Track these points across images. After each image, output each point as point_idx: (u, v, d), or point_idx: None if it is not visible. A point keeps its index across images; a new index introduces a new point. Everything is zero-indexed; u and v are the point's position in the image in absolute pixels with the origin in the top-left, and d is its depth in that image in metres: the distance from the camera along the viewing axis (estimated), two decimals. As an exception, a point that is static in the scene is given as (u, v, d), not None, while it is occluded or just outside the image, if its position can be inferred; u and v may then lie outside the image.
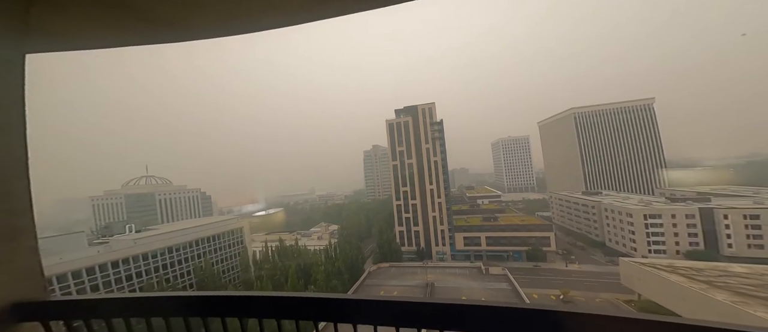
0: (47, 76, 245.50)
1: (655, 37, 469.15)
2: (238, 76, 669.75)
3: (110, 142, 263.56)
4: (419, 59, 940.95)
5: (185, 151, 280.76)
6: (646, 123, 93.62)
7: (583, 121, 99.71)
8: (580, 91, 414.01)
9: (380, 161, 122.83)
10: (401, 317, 0.96)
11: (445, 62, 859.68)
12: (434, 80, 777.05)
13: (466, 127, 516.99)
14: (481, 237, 56.26)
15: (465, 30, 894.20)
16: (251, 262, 50.51)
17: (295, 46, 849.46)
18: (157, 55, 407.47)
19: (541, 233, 53.10)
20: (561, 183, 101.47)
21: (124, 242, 43.28)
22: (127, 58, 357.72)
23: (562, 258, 51.79)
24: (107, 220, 78.97)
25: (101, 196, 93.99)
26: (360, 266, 48.47)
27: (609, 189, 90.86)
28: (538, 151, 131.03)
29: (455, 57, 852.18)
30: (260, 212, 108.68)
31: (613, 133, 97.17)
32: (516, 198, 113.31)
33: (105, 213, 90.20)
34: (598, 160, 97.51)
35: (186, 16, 1.38)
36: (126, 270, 39.36)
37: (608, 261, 49.09)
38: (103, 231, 54.61)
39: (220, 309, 1.12)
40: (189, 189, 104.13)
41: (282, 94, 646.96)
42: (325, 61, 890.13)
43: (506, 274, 42.19)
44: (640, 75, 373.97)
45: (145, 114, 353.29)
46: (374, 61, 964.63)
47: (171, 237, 46.20)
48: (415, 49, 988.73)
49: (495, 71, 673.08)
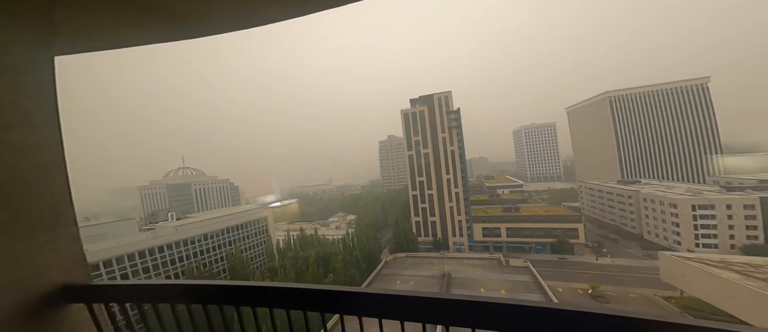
0: (97, 77, 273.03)
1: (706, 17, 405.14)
2: (257, 69, 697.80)
3: (150, 135, 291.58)
4: (436, 47, 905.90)
5: (213, 142, 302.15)
6: (699, 105, 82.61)
7: (620, 106, 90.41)
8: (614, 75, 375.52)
9: (395, 151, 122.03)
10: (407, 311, 0.97)
11: (464, 50, 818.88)
12: (453, 68, 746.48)
13: (486, 116, 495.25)
14: (501, 228, 54.21)
15: (486, 18, 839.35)
16: (275, 251, 52.65)
17: (311, 37, 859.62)
18: (184, 51, 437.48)
19: (569, 224, 49.78)
20: (592, 172, 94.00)
21: (167, 229, 46.97)
22: (157, 56, 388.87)
23: (592, 251, 48.39)
24: (153, 208, 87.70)
25: (147, 186, 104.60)
26: (377, 256, 49.16)
27: (649, 178, 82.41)
28: (565, 139, 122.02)
29: (476, 45, 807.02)
30: (276, 203, 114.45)
31: (657, 117, 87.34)
32: (540, 187, 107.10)
33: (151, 202, 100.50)
34: (636, 147, 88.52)
35: (206, 11, 1.43)
36: (170, 254, 42.67)
37: (646, 255, 44.97)
38: (150, 218, 60.34)
39: (239, 299, 1.18)
40: (219, 180, 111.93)
41: (299, 85, 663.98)
42: (340, 51, 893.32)
43: (528, 266, 40.41)
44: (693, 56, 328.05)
45: (174, 108, 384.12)
46: (390, 49, 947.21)
47: (206, 224, 49.39)
48: (433, 37, 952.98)
49: (516, 60, 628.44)
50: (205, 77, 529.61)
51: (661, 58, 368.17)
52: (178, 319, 1.30)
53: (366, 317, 1.04)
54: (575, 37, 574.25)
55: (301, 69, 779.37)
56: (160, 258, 41.48)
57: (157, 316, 1.34)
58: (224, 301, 1.19)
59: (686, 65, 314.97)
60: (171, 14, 1.40)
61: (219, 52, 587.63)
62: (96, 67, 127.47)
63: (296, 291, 1.11)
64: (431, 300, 0.94)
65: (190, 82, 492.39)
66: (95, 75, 77.64)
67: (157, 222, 53.34)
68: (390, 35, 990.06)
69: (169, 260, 42.65)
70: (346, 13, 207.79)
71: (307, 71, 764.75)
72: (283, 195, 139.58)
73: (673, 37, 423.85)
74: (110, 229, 45.17)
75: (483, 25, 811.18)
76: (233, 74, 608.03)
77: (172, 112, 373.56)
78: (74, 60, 1.61)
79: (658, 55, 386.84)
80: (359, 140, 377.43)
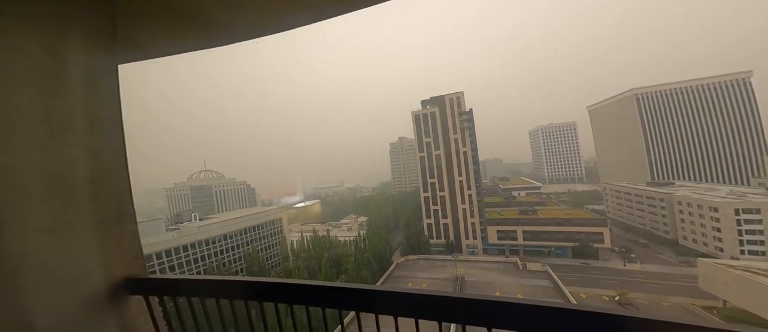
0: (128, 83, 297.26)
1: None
2: (272, 73, 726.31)
3: (174, 138, 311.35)
4: (448, 47, 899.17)
5: (231, 145, 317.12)
6: (740, 101, 75.63)
7: (648, 103, 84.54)
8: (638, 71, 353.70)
9: (406, 153, 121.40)
10: (422, 309, 0.98)
11: (477, 50, 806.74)
12: (465, 68, 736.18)
13: (500, 116, 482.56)
14: (518, 230, 52.04)
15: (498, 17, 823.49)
16: (290, 251, 53.64)
17: (323, 40, 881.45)
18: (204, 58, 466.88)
19: (592, 228, 46.82)
20: (617, 173, 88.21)
21: (191, 228, 49.00)
22: (176, 64, 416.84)
23: (619, 256, 45.10)
24: (178, 209, 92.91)
25: (172, 188, 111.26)
26: (388, 257, 48.80)
27: (683, 179, 75.98)
28: (586, 139, 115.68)
29: (489, 45, 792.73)
30: (300, 204, 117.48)
31: (691, 115, 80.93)
32: (559, 189, 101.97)
33: (176, 203, 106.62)
34: (668, 146, 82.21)
35: (233, 19, 1.55)
36: (193, 253, 44.45)
37: (681, 262, 41.20)
38: (175, 219, 63.43)
39: (273, 295, 1.24)
40: (237, 182, 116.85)
41: (309, 89, 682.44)
42: (350, 53, 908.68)
43: (547, 270, 38.45)
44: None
45: (195, 111, 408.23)
46: (401, 50, 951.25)
47: (226, 225, 51.12)
48: (444, 37, 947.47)
49: (531, 59, 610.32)
50: (222, 83, 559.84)
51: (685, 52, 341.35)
52: (222, 313, 1.36)
53: (382, 315, 1.06)
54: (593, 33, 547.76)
55: (309, 72, 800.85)
56: (184, 257, 43.35)
57: (204, 311, 1.42)
58: (264, 298, 1.26)
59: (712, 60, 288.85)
60: (206, 22, 1.54)
61: (234, 59, 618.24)
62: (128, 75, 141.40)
63: (316, 288, 1.17)
64: (447, 299, 0.94)
65: (207, 88, 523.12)
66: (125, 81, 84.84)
67: (182, 222, 55.63)
68: (401, 35, 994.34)
69: (192, 259, 44.40)
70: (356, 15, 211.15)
71: (316, 74, 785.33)
72: (302, 196, 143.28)
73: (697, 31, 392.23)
74: (140, 228, 48.06)
75: (496, 24, 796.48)
76: (247, 79, 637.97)
77: (192, 117, 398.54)
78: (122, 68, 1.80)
79: (683, 50, 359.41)
80: (370, 142, 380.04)
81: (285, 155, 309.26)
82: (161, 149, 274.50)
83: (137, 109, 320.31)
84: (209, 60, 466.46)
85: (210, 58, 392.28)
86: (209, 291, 1.38)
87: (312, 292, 1.17)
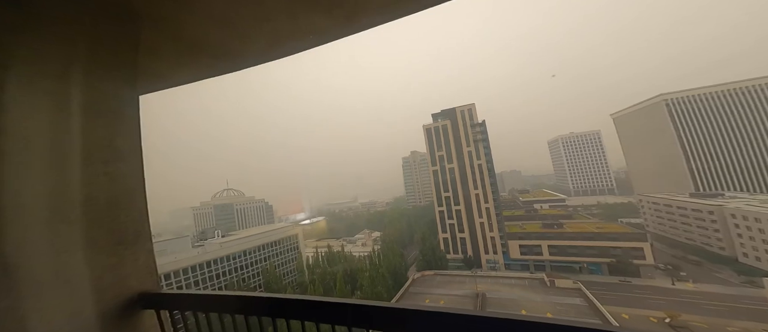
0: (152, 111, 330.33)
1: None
2: (284, 93, 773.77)
3: (198, 161, 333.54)
4: (458, 58, 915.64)
5: (249, 165, 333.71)
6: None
7: (680, 109, 78.90)
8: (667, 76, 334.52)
9: (419, 167, 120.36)
10: (444, 329, 0.91)
11: (487, 61, 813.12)
12: (477, 79, 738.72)
13: (514, 127, 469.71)
14: (543, 245, 48.14)
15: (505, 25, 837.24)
16: (305, 267, 53.18)
17: (334, 58, 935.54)
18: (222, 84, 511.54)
19: (630, 243, 42.18)
20: (653, 184, 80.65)
21: (214, 245, 50.47)
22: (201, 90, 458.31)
23: (665, 274, 39.72)
24: (203, 226, 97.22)
25: (198, 207, 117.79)
26: (403, 273, 46.96)
27: (733, 190, 67.53)
28: (612, 148, 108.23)
29: (499, 53, 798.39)
30: (306, 221, 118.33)
31: (731, 120, 74.04)
32: (588, 202, 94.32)
33: (201, 221, 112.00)
34: (710, 154, 74.62)
35: (242, 48, 1.70)
36: (215, 269, 45.60)
37: (745, 282, 35.32)
38: (200, 236, 66.04)
39: (284, 311, 1.25)
40: (257, 200, 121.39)
41: (321, 107, 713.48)
42: (362, 69, 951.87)
43: (579, 288, 34.74)
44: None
45: (213, 134, 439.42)
46: (410, 63, 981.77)
47: (246, 241, 52.42)
48: (454, 48, 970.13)
49: (544, 66, 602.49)
50: (239, 105, 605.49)
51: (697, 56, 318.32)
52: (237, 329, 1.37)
53: None
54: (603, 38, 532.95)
55: (320, 90, 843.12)
56: (207, 273, 44.47)
57: (208, 323, 1.45)
58: (271, 314, 1.26)
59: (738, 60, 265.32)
60: (217, 51, 1.67)
61: (250, 83, 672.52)
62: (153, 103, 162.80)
63: (329, 305, 1.14)
64: (467, 316, 0.87)
65: (225, 110, 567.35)
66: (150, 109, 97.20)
67: (206, 239, 57.90)
68: (411, 49, 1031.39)
69: (215, 274, 45.37)
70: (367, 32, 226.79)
71: (327, 92, 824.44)
72: (312, 213, 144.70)
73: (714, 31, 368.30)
74: (169, 245, 49.72)
75: (503, 34, 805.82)
76: (263, 102, 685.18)
77: (213, 139, 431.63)
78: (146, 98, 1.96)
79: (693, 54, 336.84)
80: (383, 156, 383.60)
81: (300, 172, 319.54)
82: (185, 171, 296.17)
83: (158, 135, 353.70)
84: (226, 84, 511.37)
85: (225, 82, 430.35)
86: (219, 306, 1.41)
87: (325, 309, 1.14)
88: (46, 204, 1.24)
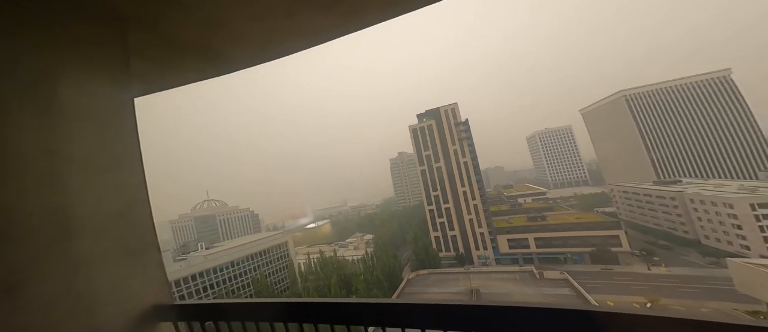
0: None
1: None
2: (265, 97, 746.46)
3: (176, 170, 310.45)
4: (440, 61, 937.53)
5: (231, 173, 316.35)
6: (727, 97, 77.33)
7: (638, 103, 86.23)
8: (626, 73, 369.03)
9: (407, 167, 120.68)
10: (447, 320, 0.98)
11: (466, 61, 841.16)
12: (458, 79, 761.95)
13: (496, 124, 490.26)
14: (529, 238, 49.75)
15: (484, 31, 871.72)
16: (297, 274, 51.94)
17: (319, 62, 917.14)
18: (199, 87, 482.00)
19: (607, 231, 44.75)
20: (622, 174, 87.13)
21: (198, 258, 47.94)
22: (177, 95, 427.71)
23: (641, 260, 42.58)
24: (184, 240, 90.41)
25: (177, 220, 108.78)
26: (398, 274, 46.62)
27: (690, 176, 74.78)
28: (585, 141, 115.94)
29: (476, 57, 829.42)
30: (311, 225, 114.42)
31: (682, 113, 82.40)
32: (565, 193, 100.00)
33: (181, 234, 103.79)
34: (668, 145, 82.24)
35: (235, 50, 1.67)
36: (202, 282, 43.38)
37: (710, 263, 38.73)
38: (182, 249, 61.97)
39: (308, 315, 1.23)
40: (241, 209, 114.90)
41: (305, 112, 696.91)
42: (342, 74, 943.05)
43: (566, 278, 36.08)
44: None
45: (194, 140, 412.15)
46: (393, 65, 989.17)
47: (232, 252, 50.10)
48: (436, 50, 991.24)
49: (520, 66, 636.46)
50: (219, 111, 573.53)
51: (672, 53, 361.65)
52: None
53: (410, 329, 1.05)
54: (580, 39, 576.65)
55: (304, 95, 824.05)
56: (193, 286, 42.59)
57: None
58: (292, 319, 1.22)
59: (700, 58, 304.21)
60: (208, 55, 1.65)
61: (230, 88, 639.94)
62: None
63: (342, 306, 1.16)
64: (470, 307, 0.95)
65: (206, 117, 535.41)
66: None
67: (189, 252, 55.13)
68: (394, 51, 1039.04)
69: (201, 287, 43.57)
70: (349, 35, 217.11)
71: (311, 97, 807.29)
72: (312, 217, 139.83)
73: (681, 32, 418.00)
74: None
75: (486, 35, 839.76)
76: (245, 105, 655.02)
77: (191, 147, 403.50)
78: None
79: (669, 51, 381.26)
80: (370, 159, 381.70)
81: (286, 180, 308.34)
82: (161, 181, 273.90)
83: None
84: (204, 88, 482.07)
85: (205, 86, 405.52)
86: (238, 314, 1.36)
87: (339, 310, 1.16)
88: (55, 220, 1.22)
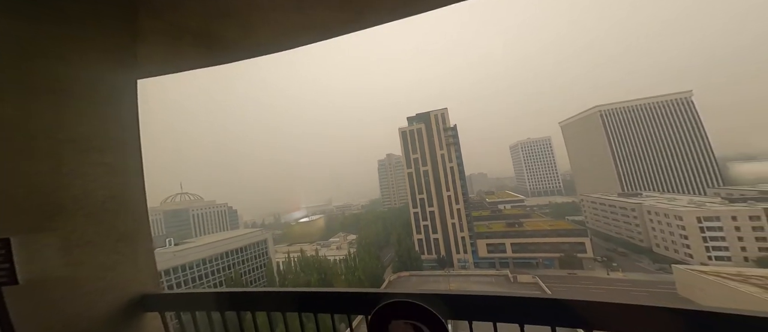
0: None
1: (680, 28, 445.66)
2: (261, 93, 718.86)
3: (148, 160, 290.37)
4: (430, 65, 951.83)
5: (211, 166, 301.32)
6: (686, 117, 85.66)
7: (611, 119, 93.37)
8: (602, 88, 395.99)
9: (394, 169, 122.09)
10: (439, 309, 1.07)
11: (456, 66, 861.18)
12: (446, 85, 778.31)
13: (482, 132, 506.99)
14: (506, 243, 52.76)
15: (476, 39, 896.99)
16: (276, 273, 50.99)
17: (310, 57, 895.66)
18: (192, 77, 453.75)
19: (575, 238, 48.64)
20: (592, 185, 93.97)
21: (165, 255, 45.21)
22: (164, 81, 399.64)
23: (602, 266, 46.74)
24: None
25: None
26: (380, 275, 47.29)
27: (650, 190, 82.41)
28: (562, 153, 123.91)
29: (471, 61, 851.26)
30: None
31: (648, 130, 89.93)
32: (541, 202, 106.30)
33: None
34: (634, 159, 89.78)
35: (241, 38, 1.67)
36: (167, 280, 41.22)
37: (658, 269, 43.41)
38: None
39: (291, 305, 1.27)
40: (217, 204, 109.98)
41: (294, 106, 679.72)
42: (334, 73, 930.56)
43: (537, 282, 38.83)
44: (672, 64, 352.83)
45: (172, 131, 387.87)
46: (385, 68, 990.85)
47: (204, 249, 48.27)
48: (426, 56, 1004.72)
49: (509, 75, 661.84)
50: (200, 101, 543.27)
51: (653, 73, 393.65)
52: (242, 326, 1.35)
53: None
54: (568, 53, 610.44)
55: (294, 89, 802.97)
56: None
57: (209, 321, 1.41)
58: (281, 308, 1.25)
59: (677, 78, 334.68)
60: (214, 41, 1.64)
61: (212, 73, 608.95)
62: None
63: (336, 295, 1.21)
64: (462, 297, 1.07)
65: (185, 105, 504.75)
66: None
67: (155, 249, 51.82)
68: (385, 51, 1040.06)
69: (167, 286, 41.37)
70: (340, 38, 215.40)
71: (301, 92, 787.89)
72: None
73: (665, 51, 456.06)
74: None
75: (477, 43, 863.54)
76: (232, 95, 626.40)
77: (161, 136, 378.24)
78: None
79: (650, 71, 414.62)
80: (358, 160, 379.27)
81: (270, 175, 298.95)
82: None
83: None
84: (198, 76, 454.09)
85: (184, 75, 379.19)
86: (225, 304, 1.37)
87: (332, 299, 1.20)
88: (43, 200, 1.17)
